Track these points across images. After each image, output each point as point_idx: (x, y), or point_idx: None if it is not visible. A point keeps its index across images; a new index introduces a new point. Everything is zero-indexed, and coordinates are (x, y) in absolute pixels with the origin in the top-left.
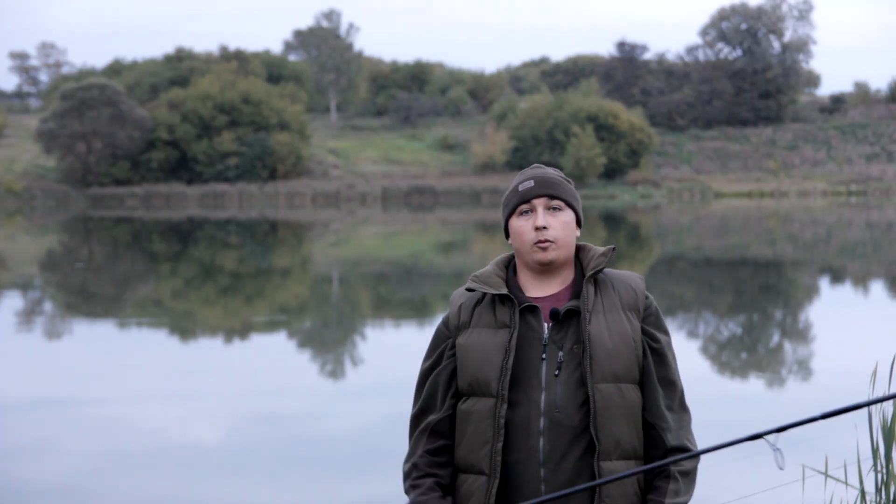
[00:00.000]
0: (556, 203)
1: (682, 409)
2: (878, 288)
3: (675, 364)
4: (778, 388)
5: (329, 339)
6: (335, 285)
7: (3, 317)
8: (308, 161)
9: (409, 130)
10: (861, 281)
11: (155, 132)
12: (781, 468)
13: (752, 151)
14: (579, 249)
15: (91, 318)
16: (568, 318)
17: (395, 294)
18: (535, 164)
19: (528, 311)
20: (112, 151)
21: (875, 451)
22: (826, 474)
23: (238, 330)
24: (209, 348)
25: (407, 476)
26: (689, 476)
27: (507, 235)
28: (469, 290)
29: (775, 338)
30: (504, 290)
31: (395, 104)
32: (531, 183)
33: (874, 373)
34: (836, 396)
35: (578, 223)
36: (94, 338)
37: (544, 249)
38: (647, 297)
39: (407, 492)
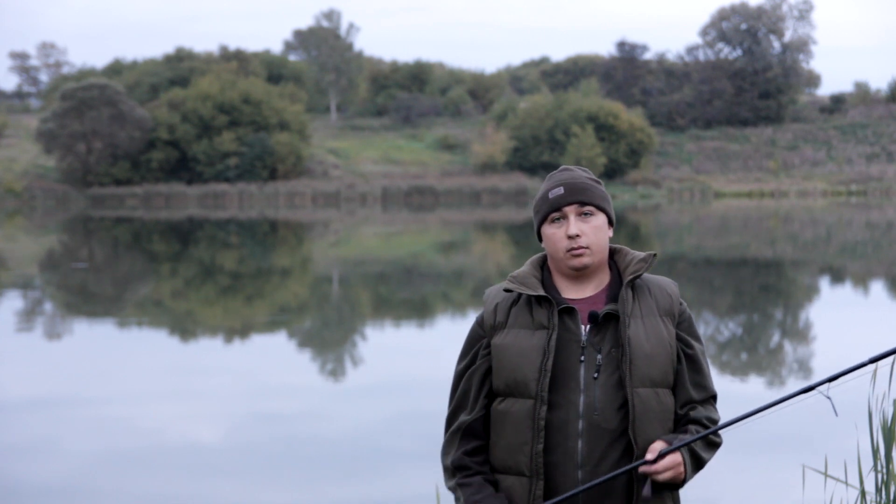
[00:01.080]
0: (587, 209)
1: (711, 406)
2: (877, 288)
3: (709, 371)
4: (778, 387)
5: (329, 339)
6: (335, 285)
7: (3, 317)
8: (308, 161)
9: (409, 130)
10: (861, 281)
11: (155, 132)
12: (837, 415)
13: (752, 151)
14: (614, 252)
15: (91, 318)
16: (605, 322)
17: (395, 294)
18: (564, 167)
19: (565, 312)
20: (112, 151)
21: (875, 451)
22: (826, 474)
23: (238, 330)
24: (209, 348)
25: (451, 474)
26: (712, 445)
27: (540, 239)
28: (507, 290)
29: (775, 338)
30: (541, 292)
31: (395, 104)
32: (561, 190)
33: (874, 372)
34: (835, 395)
35: (611, 223)
36: (94, 338)
37: (578, 256)
38: (681, 304)
39: (454, 489)
